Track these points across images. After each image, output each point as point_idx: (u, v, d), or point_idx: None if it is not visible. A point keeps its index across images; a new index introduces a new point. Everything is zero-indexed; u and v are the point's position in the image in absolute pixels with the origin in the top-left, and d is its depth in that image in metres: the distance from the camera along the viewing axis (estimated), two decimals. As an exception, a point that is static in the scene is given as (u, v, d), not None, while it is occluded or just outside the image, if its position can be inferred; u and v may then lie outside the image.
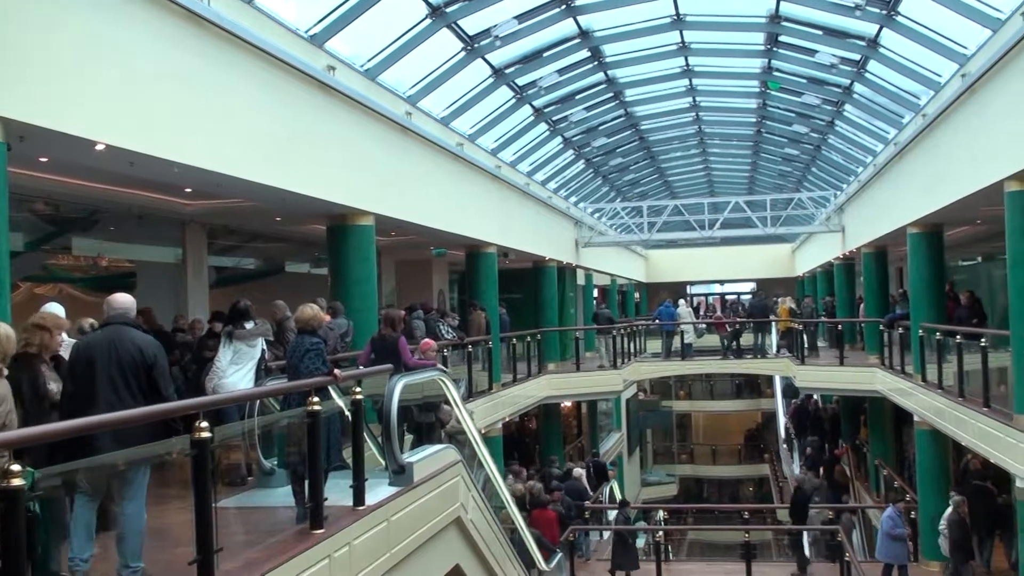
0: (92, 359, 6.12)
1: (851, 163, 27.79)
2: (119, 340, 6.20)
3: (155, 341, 6.54)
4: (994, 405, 13.08)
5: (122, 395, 6.05)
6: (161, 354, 6.38)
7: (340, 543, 6.99)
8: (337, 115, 12.35)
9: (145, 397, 6.10)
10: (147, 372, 6.17)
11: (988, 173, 12.47)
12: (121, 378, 6.10)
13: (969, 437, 14.08)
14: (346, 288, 13.17)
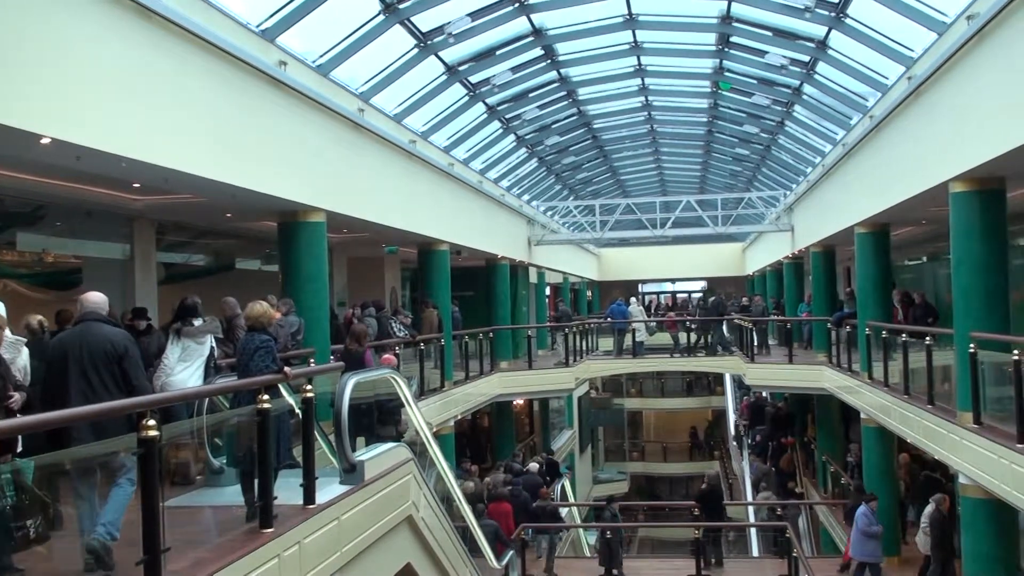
0: (65, 354, 6.47)
1: (800, 163, 28.11)
2: (90, 334, 6.56)
3: (126, 333, 6.92)
4: (938, 403, 13.28)
5: (95, 386, 6.37)
6: (132, 345, 6.72)
7: (290, 542, 6.93)
8: (289, 111, 12.24)
9: (118, 387, 6.44)
10: (118, 363, 6.50)
11: (933, 174, 12.66)
12: (94, 370, 6.43)
13: (914, 434, 14.29)
14: (297, 285, 13.06)
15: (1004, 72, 10.14)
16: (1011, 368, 10.18)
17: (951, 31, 13.40)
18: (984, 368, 11.43)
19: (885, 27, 16.25)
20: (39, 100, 7.54)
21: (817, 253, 24.20)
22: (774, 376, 24.50)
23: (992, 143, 10.41)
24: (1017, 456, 9.78)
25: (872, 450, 17.76)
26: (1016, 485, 9.86)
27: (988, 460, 10.78)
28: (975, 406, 11.48)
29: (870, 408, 17.17)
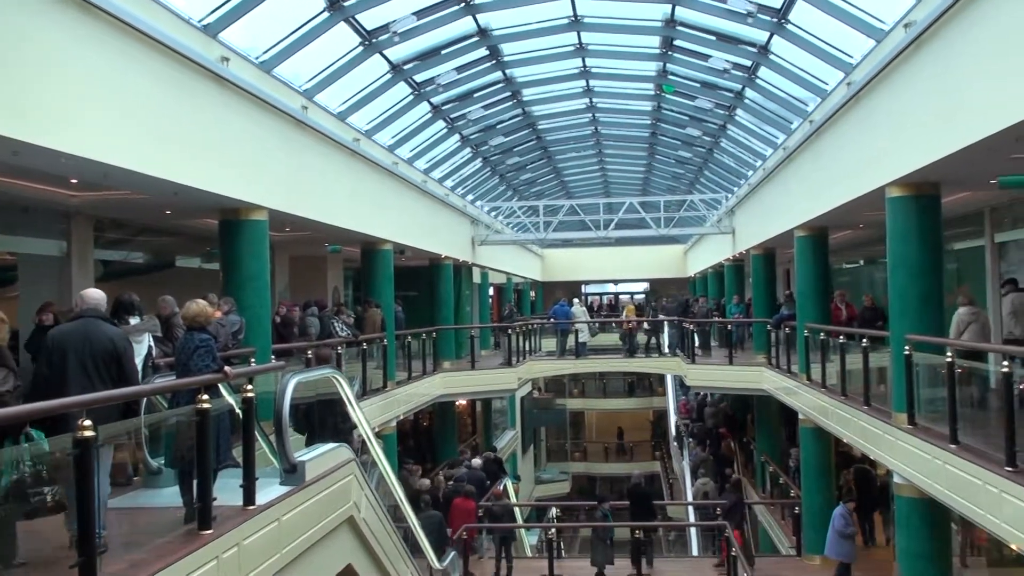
0: (65, 348, 6.87)
1: (742, 167, 28.41)
2: (93, 332, 7.00)
3: (123, 333, 7.42)
4: (874, 404, 13.50)
5: (93, 380, 6.81)
6: (129, 345, 7.26)
7: (229, 544, 6.86)
8: (231, 107, 12.11)
9: (114, 382, 6.89)
10: (117, 361, 6.99)
11: (871, 179, 12.88)
12: (93, 365, 6.87)
13: (851, 435, 14.52)
14: (238, 284, 12.92)
15: (939, 79, 10.35)
16: (944, 370, 10.39)
17: (889, 38, 13.63)
18: (919, 370, 11.65)
19: (825, 34, 16.48)
20: (-27, 94, 7.38)
21: (757, 255, 24.48)
22: (714, 377, 24.72)
23: (927, 149, 10.62)
24: (950, 456, 9.98)
25: (809, 450, 18.01)
26: (949, 484, 10.06)
27: (922, 460, 10.99)
28: (910, 407, 11.69)
29: (808, 409, 17.40)
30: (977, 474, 9.17)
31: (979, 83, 9.25)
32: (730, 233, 27.90)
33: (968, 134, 9.40)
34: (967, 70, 9.54)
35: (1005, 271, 15.53)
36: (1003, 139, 8.95)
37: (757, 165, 25.46)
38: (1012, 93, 8.48)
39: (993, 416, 9.85)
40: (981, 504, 9.11)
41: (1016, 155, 10.14)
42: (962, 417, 10.24)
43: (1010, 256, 15.46)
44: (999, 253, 15.79)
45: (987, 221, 15.88)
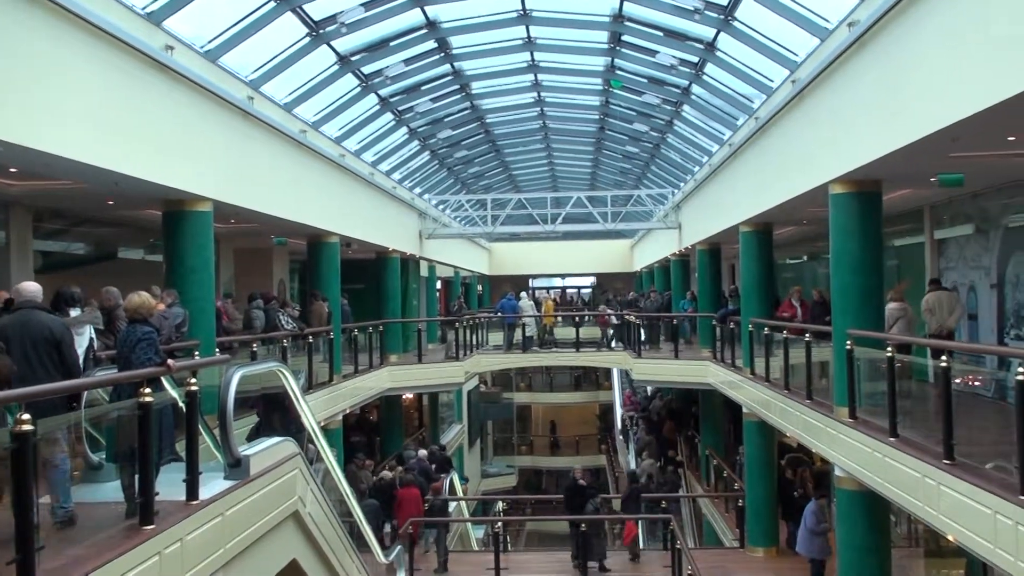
0: (7, 338, 6.97)
1: (688, 162, 28.64)
2: (31, 321, 7.19)
3: (61, 321, 7.64)
4: (816, 398, 13.69)
5: (35, 368, 6.98)
6: (68, 332, 7.45)
7: (171, 539, 6.79)
8: (175, 97, 11.94)
9: (56, 369, 7.10)
10: (56, 348, 7.17)
11: (815, 176, 13.04)
12: (35, 354, 7.06)
13: (793, 428, 14.70)
14: (182, 276, 12.76)
15: (881, 79, 10.51)
16: (884, 364, 10.57)
17: (833, 37, 13.82)
18: (859, 364, 11.83)
19: (771, 31, 16.68)
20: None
21: (703, 251, 24.70)
22: (660, 371, 24.92)
23: (869, 147, 10.78)
24: (889, 449, 10.15)
25: (753, 443, 18.21)
26: (888, 477, 10.24)
27: (862, 453, 11.16)
28: (851, 401, 11.86)
29: (752, 403, 17.60)
30: (916, 467, 9.33)
31: (919, 83, 9.41)
32: (676, 228, 28.11)
33: (908, 133, 9.56)
34: (908, 70, 9.70)
35: (943, 267, 15.86)
36: (941, 138, 9.13)
37: (703, 161, 25.68)
38: (949, 94, 8.65)
39: (931, 410, 10.03)
40: (919, 496, 9.27)
41: (954, 154, 10.34)
42: (901, 411, 10.41)
43: (948, 252, 15.76)
44: (938, 249, 16.09)
45: (927, 218, 16.18)
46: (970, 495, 8.02)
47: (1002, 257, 13.85)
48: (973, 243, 14.81)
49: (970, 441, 9.24)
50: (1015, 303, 13.49)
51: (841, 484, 12.34)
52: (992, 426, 10.54)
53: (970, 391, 11.92)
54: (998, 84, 7.60)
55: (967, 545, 8.20)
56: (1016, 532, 7.18)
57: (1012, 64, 7.43)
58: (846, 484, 12.13)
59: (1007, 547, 7.35)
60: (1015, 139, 9.85)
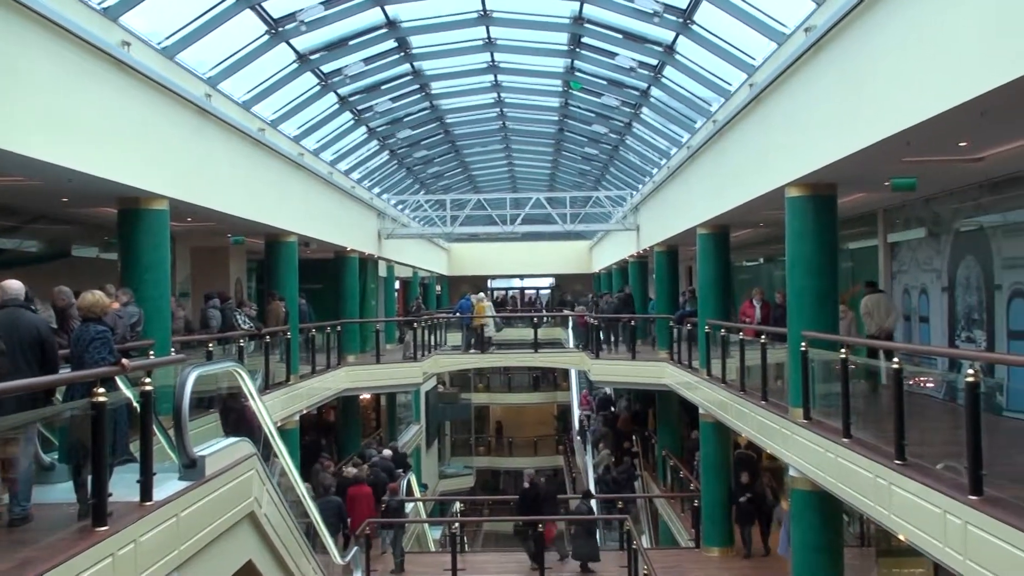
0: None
1: (647, 164, 28.80)
2: (19, 320, 7.34)
3: (45, 321, 7.89)
4: (772, 399, 13.81)
5: (20, 366, 7.12)
6: (52, 333, 7.72)
7: (125, 540, 6.72)
8: (131, 94, 11.80)
9: (39, 366, 7.29)
10: (41, 347, 7.36)
11: (771, 179, 13.16)
12: (21, 354, 7.21)
13: (749, 429, 14.83)
14: (137, 275, 12.62)
15: (837, 84, 10.63)
16: (838, 366, 10.69)
17: (790, 42, 13.97)
18: (814, 366, 11.96)
19: (729, 35, 16.83)
20: None
21: (661, 252, 24.84)
22: (618, 372, 25.02)
23: (825, 151, 10.90)
24: (842, 450, 10.27)
25: (709, 444, 18.35)
26: (841, 477, 10.36)
27: (816, 454, 11.28)
28: (805, 402, 11.99)
29: (708, 404, 17.73)
30: (868, 467, 9.45)
31: (874, 89, 9.54)
32: (635, 230, 28.25)
33: (863, 137, 9.68)
34: (863, 75, 9.83)
35: (896, 270, 16.08)
36: (895, 143, 9.26)
37: (662, 163, 25.83)
38: (903, 99, 8.78)
39: (884, 411, 10.15)
40: (871, 496, 9.39)
41: (908, 158, 10.50)
42: (854, 412, 10.54)
43: (901, 255, 15.98)
44: (891, 252, 16.31)
45: (880, 222, 16.39)
46: (921, 495, 8.14)
47: (953, 260, 14.07)
48: (925, 246, 15.03)
49: (921, 442, 9.38)
50: (965, 306, 13.71)
51: (795, 484, 12.46)
52: (943, 427, 10.69)
53: (922, 393, 12.09)
54: (950, 90, 7.73)
55: (917, 544, 8.31)
56: (965, 531, 7.29)
57: (963, 71, 7.57)
58: (800, 484, 12.25)
59: (956, 546, 7.47)
60: (966, 144, 10.03)
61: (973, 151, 10.43)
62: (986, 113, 7.98)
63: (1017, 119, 8.63)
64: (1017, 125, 9.05)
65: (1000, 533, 6.77)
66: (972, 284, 13.49)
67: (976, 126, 8.80)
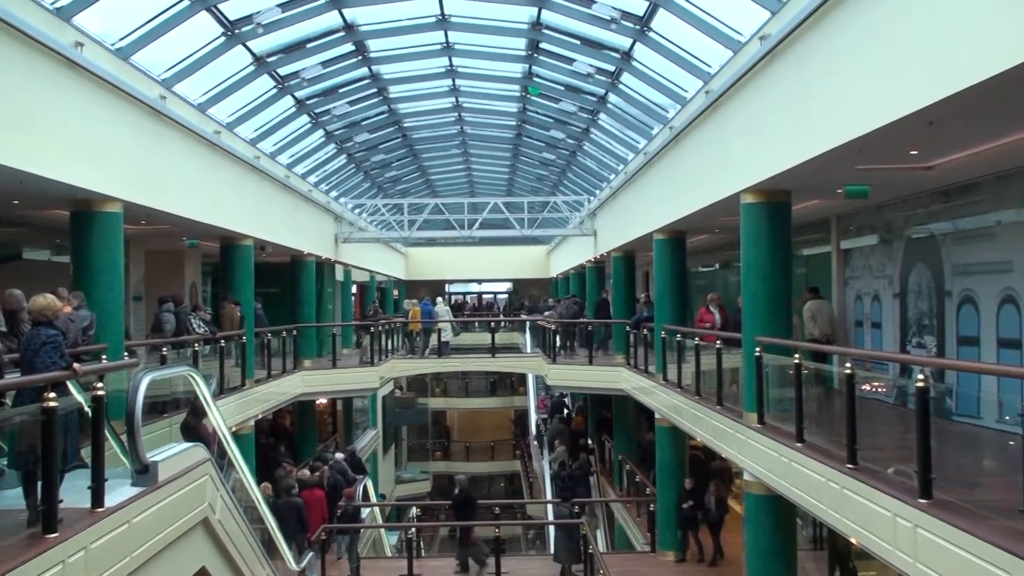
0: None
1: (604, 170, 28.91)
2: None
3: None
4: (726, 404, 13.91)
5: None
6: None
7: (75, 547, 6.64)
8: (84, 95, 11.67)
9: None
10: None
11: (727, 185, 13.27)
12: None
13: (704, 433, 14.92)
14: (89, 278, 12.47)
15: (791, 92, 10.76)
16: (792, 371, 10.81)
17: (745, 50, 14.09)
18: (768, 371, 12.07)
19: (686, 43, 16.95)
20: None
21: (618, 258, 24.93)
22: (575, 377, 25.03)
23: (780, 158, 11.01)
24: (795, 454, 10.37)
25: (665, 448, 18.44)
26: (794, 481, 10.46)
27: (770, 458, 11.38)
28: (759, 407, 12.08)
29: (664, 408, 17.81)
30: (821, 471, 9.55)
31: (827, 97, 9.66)
32: (592, 235, 28.36)
33: (816, 145, 9.80)
34: (816, 84, 9.95)
35: (849, 276, 16.28)
36: (848, 151, 9.37)
37: (619, 169, 25.94)
38: (855, 108, 8.91)
39: (836, 416, 10.27)
40: (824, 500, 9.49)
41: (861, 166, 10.63)
42: (808, 417, 10.65)
43: (854, 262, 16.18)
44: (844, 259, 16.52)
45: (833, 228, 16.59)
46: (872, 499, 8.24)
47: (905, 267, 14.27)
48: (877, 253, 15.23)
49: (873, 446, 9.49)
50: (917, 312, 13.90)
51: (749, 488, 12.55)
52: (894, 432, 10.83)
53: (874, 398, 12.25)
54: (900, 101, 7.86)
55: (868, 547, 8.42)
56: (915, 534, 7.40)
57: (912, 82, 7.70)
58: (754, 488, 12.33)
59: (906, 549, 7.57)
60: (917, 153, 10.18)
61: (923, 160, 10.58)
62: (935, 123, 8.12)
63: (964, 129, 8.80)
64: (964, 135, 9.23)
65: (948, 536, 6.88)
66: (923, 290, 13.68)
67: (926, 135, 8.94)
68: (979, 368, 10.96)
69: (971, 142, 9.67)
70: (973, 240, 12.39)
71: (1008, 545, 6.22)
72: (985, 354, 11.88)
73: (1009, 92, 6.67)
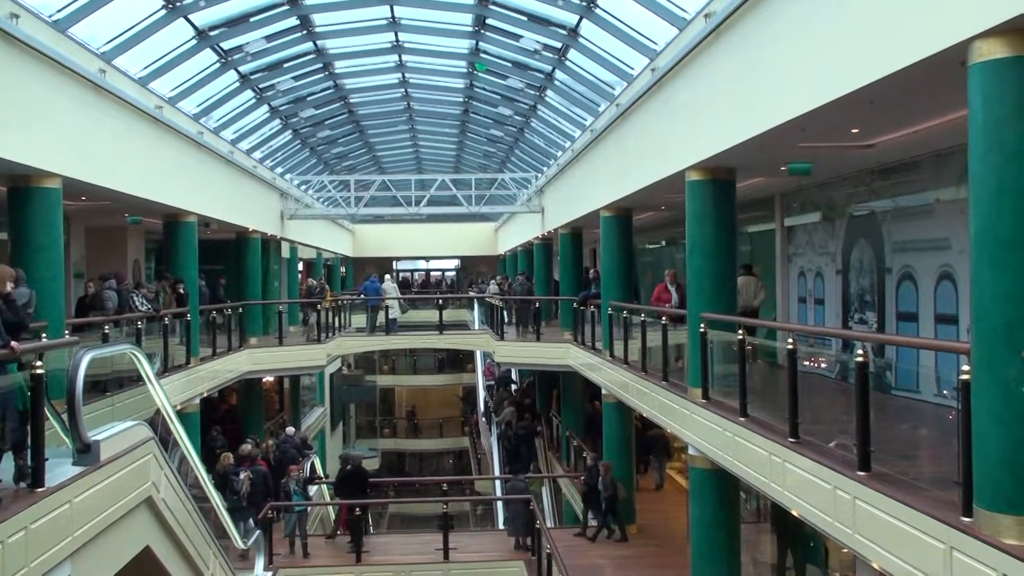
0: None
1: (551, 147, 28.95)
2: None
3: None
4: (672, 379, 14.06)
5: None
6: None
7: (13, 528, 6.55)
8: (20, 68, 11.41)
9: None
10: None
11: (672, 163, 13.36)
12: None
13: (650, 409, 15.06)
14: (28, 255, 12.22)
15: (735, 70, 10.84)
16: (736, 347, 10.94)
17: (690, 27, 14.16)
18: (713, 347, 12.21)
19: (632, 20, 16.99)
20: None
21: (565, 235, 25.00)
22: (522, 353, 25.12)
23: (724, 135, 11.11)
24: (739, 428, 10.52)
25: (612, 424, 18.62)
26: (737, 455, 10.61)
27: (714, 432, 11.53)
28: (704, 382, 12.22)
29: (610, 384, 17.95)
30: (763, 445, 9.70)
31: (770, 75, 9.75)
32: (539, 212, 28.39)
33: (760, 123, 9.90)
34: (760, 63, 10.03)
35: (792, 253, 16.49)
36: (791, 129, 9.49)
37: (566, 146, 25.99)
38: (797, 87, 9.01)
39: (779, 391, 10.42)
40: (766, 474, 9.65)
41: (803, 144, 10.76)
42: (751, 392, 10.80)
43: (797, 239, 16.40)
44: (788, 236, 16.72)
45: (777, 206, 16.78)
46: (812, 472, 8.39)
47: (846, 244, 14.48)
48: (820, 230, 15.44)
49: (815, 420, 9.65)
50: (858, 288, 14.13)
51: (694, 463, 12.71)
52: (835, 406, 11.00)
53: (817, 373, 12.44)
54: (840, 79, 7.97)
55: (809, 519, 8.58)
56: (854, 506, 7.55)
57: (852, 61, 7.81)
58: (698, 463, 12.49)
59: (845, 520, 7.73)
60: (858, 131, 10.33)
61: (864, 138, 10.74)
62: (874, 101, 8.24)
63: (903, 108, 8.94)
64: (903, 114, 9.38)
65: (885, 507, 7.04)
66: (864, 267, 13.91)
67: (866, 114, 9.08)
68: (917, 343, 11.21)
69: (910, 121, 9.82)
70: (912, 218, 12.61)
71: (942, 515, 6.38)
72: (924, 329, 12.12)
73: (947, 72, 6.78)
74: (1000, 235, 6.00)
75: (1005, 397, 5.94)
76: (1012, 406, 5.91)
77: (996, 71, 6.04)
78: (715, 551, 12.49)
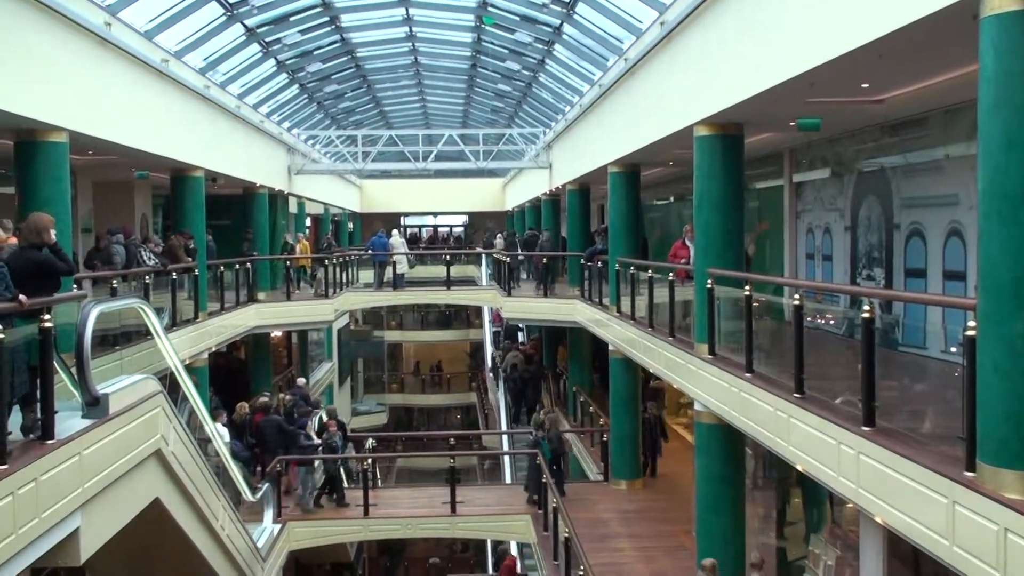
0: None
1: (559, 102, 28.77)
2: None
3: None
4: (679, 335, 14.07)
5: None
6: None
7: (25, 479, 6.62)
8: (26, 21, 11.34)
9: None
10: None
11: (680, 117, 13.29)
12: None
13: (657, 365, 15.09)
14: (35, 209, 12.15)
15: (745, 23, 10.73)
16: (743, 303, 10.94)
17: (701, -20, 14.00)
18: (719, 303, 12.20)
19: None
20: None
21: (573, 191, 24.94)
22: (530, 309, 25.12)
23: (733, 90, 11.03)
24: (745, 384, 10.54)
25: (618, 379, 18.68)
26: (743, 411, 10.65)
27: (720, 388, 11.56)
28: (711, 338, 12.24)
29: (617, 340, 17.98)
30: (769, 401, 9.73)
31: (780, 30, 9.66)
32: (547, 168, 28.28)
33: (769, 77, 9.82)
34: (769, 17, 9.94)
35: (801, 209, 16.42)
36: (800, 84, 9.42)
37: (574, 101, 25.84)
38: (807, 41, 8.93)
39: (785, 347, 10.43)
40: (771, 429, 9.69)
41: (812, 99, 10.67)
42: (758, 348, 10.81)
43: (806, 195, 16.31)
44: (796, 192, 16.64)
45: (786, 162, 16.67)
46: (817, 427, 8.42)
47: (855, 200, 14.41)
48: (829, 186, 15.35)
49: (821, 376, 9.66)
50: (867, 245, 14.08)
51: (700, 418, 12.78)
52: (841, 362, 11.01)
53: (824, 329, 12.44)
54: (850, 33, 7.89)
55: (813, 474, 8.63)
56: (858, 461, 7.59)
57: (862, 14, 7.72)
58: (705, 418, 12.56)
59: (849, 475, 7.77)
60: (867, 86, 10.23)
61: (874, 93, 10.64)
62: (884, 56, 8.16)
63: (913, 62, 8.84)
64: (913, 68, 9.28)
65: (889, 462, 7.07)
66: (873, 224, 13.85)
67: (876, 68, 8.99)
68: (924, 299, 11.19)
69: (921, 76, 9.73)
70: (922, 174, 12.52)
71: (945, 470, 6.41)
72: (932, 285, 12.09)
73: (958, 26, 6.71)
74: (1009, 190, 5.96)
75: (1011, 353, 5.94)
76: (1018, 362, 5.91)
77: (1009, 24, 5.96)
78: (720, 505, 12.59)
